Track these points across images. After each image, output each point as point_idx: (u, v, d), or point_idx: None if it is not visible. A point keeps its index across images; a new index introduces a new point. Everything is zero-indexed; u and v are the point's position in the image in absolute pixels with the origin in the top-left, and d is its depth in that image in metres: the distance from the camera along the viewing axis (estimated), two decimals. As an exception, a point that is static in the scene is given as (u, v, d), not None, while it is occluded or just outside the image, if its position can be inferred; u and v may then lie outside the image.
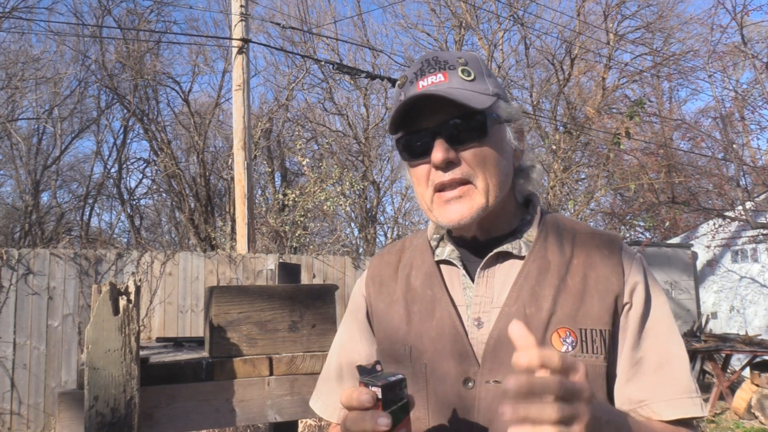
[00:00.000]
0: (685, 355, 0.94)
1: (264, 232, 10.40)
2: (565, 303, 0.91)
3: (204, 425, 1.82)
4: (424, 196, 0.96)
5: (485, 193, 0.93)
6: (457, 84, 0.93)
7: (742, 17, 9.49)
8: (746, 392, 6.73)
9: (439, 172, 0.92)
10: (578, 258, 0.96)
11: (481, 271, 0.97)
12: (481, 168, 0.92)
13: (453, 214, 0.93)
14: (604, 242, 0.98)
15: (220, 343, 1.91)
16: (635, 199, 13.09)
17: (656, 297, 0.96)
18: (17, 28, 11.55)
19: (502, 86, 1.01)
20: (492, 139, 0.94)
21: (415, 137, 0.95)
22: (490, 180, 0.93)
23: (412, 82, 0.96)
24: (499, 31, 14.37)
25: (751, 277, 10.16)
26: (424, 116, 0.93)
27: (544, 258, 0.95)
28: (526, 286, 0.93)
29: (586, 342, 0.89)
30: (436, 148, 0.91)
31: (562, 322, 0.90)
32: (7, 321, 5.83)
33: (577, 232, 1.00)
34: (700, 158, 13.95)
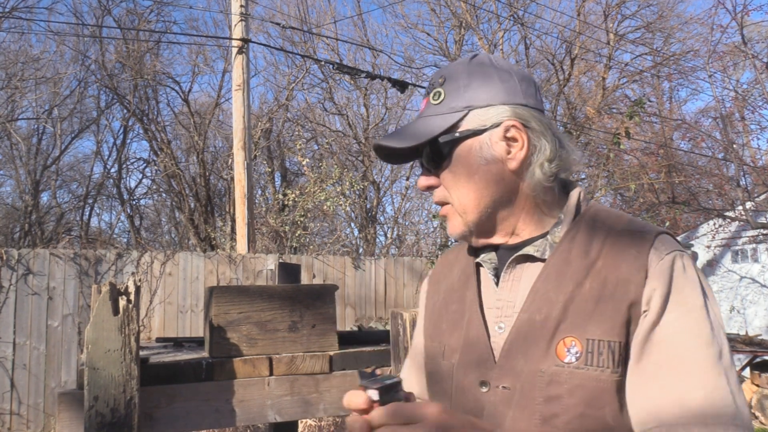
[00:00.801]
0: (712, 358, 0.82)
1: (264, 232, 10.40)
2: (577, 310, 0.87)
3: (204, 425, 1.81)
4: None
5: (462, 212, 0.97)
6: (427, 111, 0.99)
7: (742, 17, 9.49)
8: (746, 392, 6.72)
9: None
10: (604, 260, 0.89)
11: (505, 275, 0.97)
12: (452, 189, 0.97)
13: (449, 228, 1.01)
14: (636, 240, 0.89)
15: (220, 343, 1.91)
16: (635, 199, 13.09)
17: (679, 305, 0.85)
18: (17, 28, 11.55)
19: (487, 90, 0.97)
20: (456, 161, 0.96)
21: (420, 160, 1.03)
22: (463, 199, 0.96)
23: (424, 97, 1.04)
24: (499, 31, 14.37)
25: (751, 278, 10.16)
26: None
27: (565, 260, 0.92)
28: (542, 291, 0.91)
29: (593, 353, 0.85)
30: (420, 177, 1.01)
31: (570, 331, 0.87)
32: (6, 321, 5.83)
33: (612, 228, 0.92)
34: (700, 158, 13.96)
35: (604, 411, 0.83)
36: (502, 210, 0.97)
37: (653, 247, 0.88)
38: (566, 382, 0.85)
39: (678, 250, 0.89)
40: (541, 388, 0.86)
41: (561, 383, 0.85)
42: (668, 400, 0.81)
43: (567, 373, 0.85)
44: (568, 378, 0.85)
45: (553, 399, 0.85)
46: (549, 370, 0.86)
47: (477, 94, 0.96)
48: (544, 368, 0.86)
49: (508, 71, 0.98)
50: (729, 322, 10.25)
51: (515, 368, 0.89)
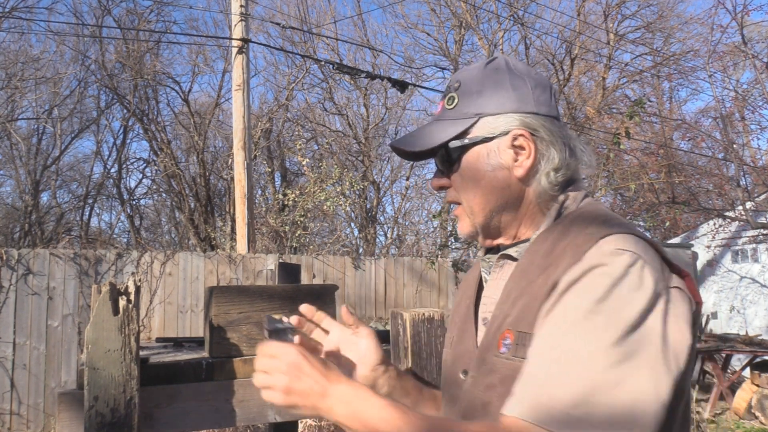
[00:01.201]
0: (583, 357, 0.78)
1: (264, 232, 10.40)
2: (520, 306, 0.91)
3: (204, 425, 1.81)
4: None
5: (470, 213, 1.03)
6: (442, 115, 1.04)
7: (742, 17, 9.49)
8: (746, 392, 6.72)
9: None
10: (559, 259, 0.90)
11: (493, 274, 1.04)
12: (462, 191, 1.03)
13: (458, 228, 1.07)
14: (585, 240, 0.88)
15: (220, 343, 1.91)
16: (635, 199, 13.10)
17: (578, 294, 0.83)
18: (17, 28, 11.54)
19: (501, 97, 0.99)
20: (465, 166, 1.01)
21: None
22: (471, 201, 1.02)
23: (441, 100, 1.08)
24: (499, 31, 14.37)
25: (751, 278, 10.16)
26: None
27: (531, 260, 0.95)
28: (508, 288, 0.97)
29: (520, 345, 0.88)
30: (433, 177, 1.07)
31: (509, 325, 0.92)
32: (6, 321, 5.83)
33: (581, 228, 0.92)
34: (700, 158, 13.96)
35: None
36: (507, 214, 1.02)
37: (595, 246, 0.86)
38: (499, 371, 0.91)
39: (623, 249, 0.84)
40: (483, 375, 0.94)
41: (495, 372, 0.92)
42: (519, 387, 0.82)
43: (500, 363, 0.91)
44: (501, 368, 0.91)
45: (490, 387, 0.92)
46: (490, 359, 0.93)
47: (488, 101, 1.00)
48: (487, 358, 0.94)
49: (522, 77, 1.01)
50: (729, 322, 10.25)
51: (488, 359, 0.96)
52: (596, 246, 0.86)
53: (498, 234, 1.04)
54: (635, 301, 0.80)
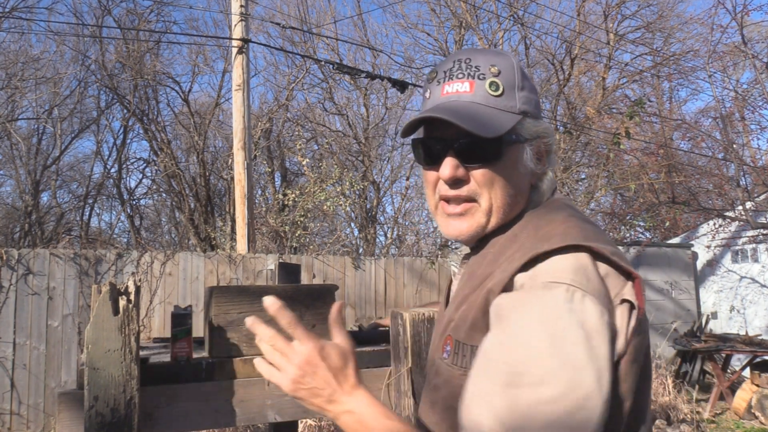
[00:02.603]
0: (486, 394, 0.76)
1: (264, 232, 10.39)
2: (462, 313, 0.91)
3: (204, 425, 1.81)
4: (430, 200, 0.99)
5: (487, 213, 0.94)
6: (481, 99, 0.92)
7: (742, 17, 9.49)
8: (746, 392, 6.72)
9: (446, 184, 0.94)
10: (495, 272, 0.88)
11: (459, 271, 1.05)
12: (487, 189, 0.92)
13: (452, 229, 0.96)
14: (520, 255, 0.85)
15: (220, 343, 1.91)
16: (635, 199, 13.09)
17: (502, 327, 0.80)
18: (17, 28, 11.54)
19: (535, 99, 0.97)
20: (505, 161, 0.93)
21: (429, 143, 0.96)
22: (495, 201, 0.93)
23: (440, 82, 0.96)
24: (499, 31, 14.37)
25: (751, 278, 10.16)
26: (440, 124, 0.92)
27: (478, 265, 0.95)
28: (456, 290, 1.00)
29: (458, 354, 0.89)
30: (445, 164, 0.92)
31: (451, 330, 0.92)
32: (6, 321, 5.83)
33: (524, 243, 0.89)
34: (700, 158, 13.95)
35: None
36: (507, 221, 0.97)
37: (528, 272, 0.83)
38: (441, 375, 0.93)
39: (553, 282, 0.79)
40: (431, 376, 0.98)
41: (439, 375, 0.94)
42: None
43: (443, 368, 0.93)
44: (443, 372, 0.93)
45: (435, 388, 0.95)
46: (436, 362, 0.96)
47: (528, 100, 0.96)
48: (435, 359, 0.97)
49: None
50: (729, 322, 10.25)
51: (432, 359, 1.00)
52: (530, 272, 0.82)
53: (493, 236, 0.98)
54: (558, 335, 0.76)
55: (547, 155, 0.99)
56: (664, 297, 9.53)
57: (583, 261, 0.82)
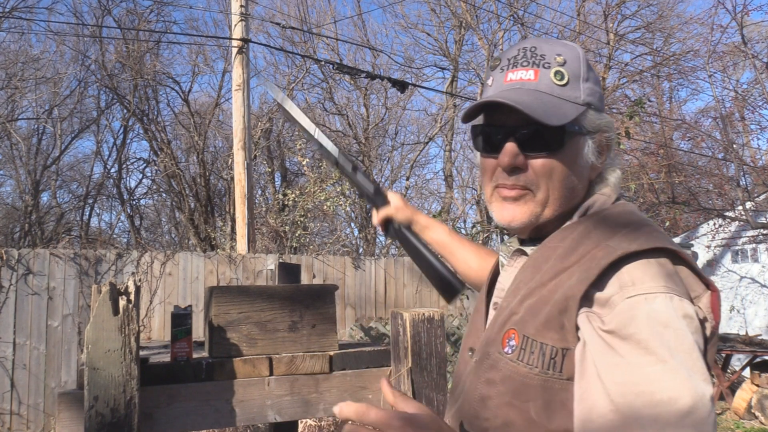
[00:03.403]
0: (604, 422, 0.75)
1: (264, 232, 10.39)
2: (528, 306, 0.88)
3: (204, 425, 1.81)
4: (486, 187, 0.99)
5: (542, 204, 0.92)
6: (546, 87, 0.91)
7: (742, 17, 9.49)
8: (746, 392, 6.72)
9: (504, 173, 0.93)
10: (573, 268, 0.86)
11: (508, 262, 1.02)
12: (545, 180, 0.91)
13: (506, 213, 0.94)
14: (603, 254, 0.84)
15: (220, 343, 1.91)
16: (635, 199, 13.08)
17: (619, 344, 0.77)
18: (17, 28, 11.55)
19: (599, 92, 0.96)
20: (566, 152, 0.91)
21: (490, 130, 0.95)
22: (552, 193, 0.92)
23: (503, 69, 0.95)
24: (499, 31, 14.36)
25: (751, 278, 10.16)
26: (503, 111, 0.92)
27: (545, 258, 0.92)
28: (517, 282, 0.95)
29: (525, 350, 0.86)
30: (504, 152, 0.91)
31: (515, 324, 0.89)
32: (7, 321, 5.83)
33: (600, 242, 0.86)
34: (700, 158, 13.95)
35: (528, 405, 0.86)
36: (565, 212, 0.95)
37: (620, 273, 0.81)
38: (501, 370, 0.89)
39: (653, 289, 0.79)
40: (485, 369, 0.92)
41: (498, 370, 0.90)
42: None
43: (503, 363, 0.89)
44: (503, 367, 0.89)
45: (490, 382, 0.90)
46: (493, 355, 0.92)
47: (592, 92, 0.94)
48: (491, 352, 0.92)
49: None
50: (729, 322, 10.25)
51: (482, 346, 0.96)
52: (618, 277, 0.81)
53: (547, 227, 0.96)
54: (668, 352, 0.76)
55: (608, 150, 0.98)
56: (664, 297, 9.53)
57: (668, 266, 0.82)
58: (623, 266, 0.82)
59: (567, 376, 0.83)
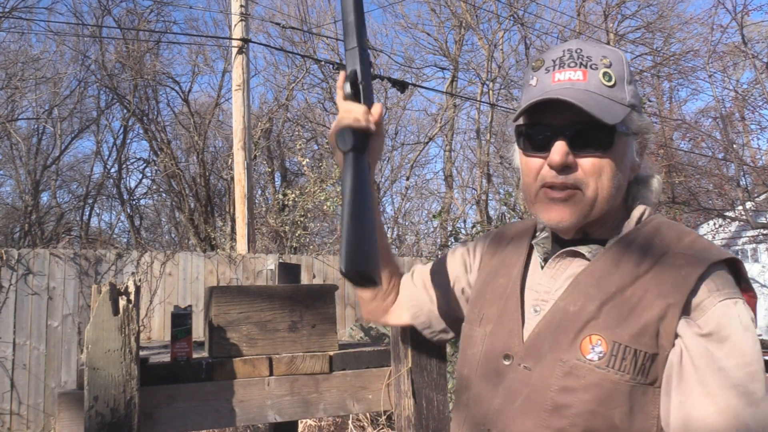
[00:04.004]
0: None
1: (264, 232, 10.40)
2: (611, 312, 0.88)
3: (204, 425, 1.81)
4: (530, 188, 0.97)
5: (591, 203, 0.93)
6: (595, 88, 0.92)
7: (742, 17, 9.49)
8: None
9: (552, 171, 0.93)
10: (653, 273, 0.89)
11: (552, 262, 0.99)
12: (595, 178, 0.92)
13: (555, 214, 0.94)
14: (689, 262, 0.88)
15: (220, 343, 1.91)
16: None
17: (737, 348, 0.82)
18: (17, 28, 11.55)
19: (639, 95, 0.99)
20: (615, 152, 0.92)
21: (537, 129, 0.95)
22: (601, 192, 0.92)
23: (548, 70, 0.95)
24: (499, 31, 14.37)
25: (751, 278, 10.15)
26: (550, 110, 0.92)
27: (614, 263, 0.93)
28: (583, 285, 0.93)
29: (616, 357, 0.86)
30: (556, 149, 0.91)
31: (599, 330, 0.88)
32: (6, 321, 5.83)
33: (670, 246, 0.91)
34: (700, 158, 13.95)
35: (613, 411, 0.85)
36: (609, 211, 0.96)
37: (707, 280, 0.86)
38: (584, 377, 0.87)
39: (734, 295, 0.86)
40: (558, 377, 0.88)
41: (579, 377, 0.87)
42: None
43: (586, 369, 0.87)
44: (587, 374, 0.86)
45: (568, 390, 0.87)
46: (570, 362, 0.88)
47: (635, 94, 0.96)
48: (566, 359, 0.89)
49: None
50: (729, 322, 10.26)
51: (540, 351, 0.92)
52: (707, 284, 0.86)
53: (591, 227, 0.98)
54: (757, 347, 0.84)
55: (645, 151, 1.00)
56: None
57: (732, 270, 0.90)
58: (709, 274, 0.87)
59: (651, 380, 0.85)
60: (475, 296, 1.11)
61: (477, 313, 1.07)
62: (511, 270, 1.05)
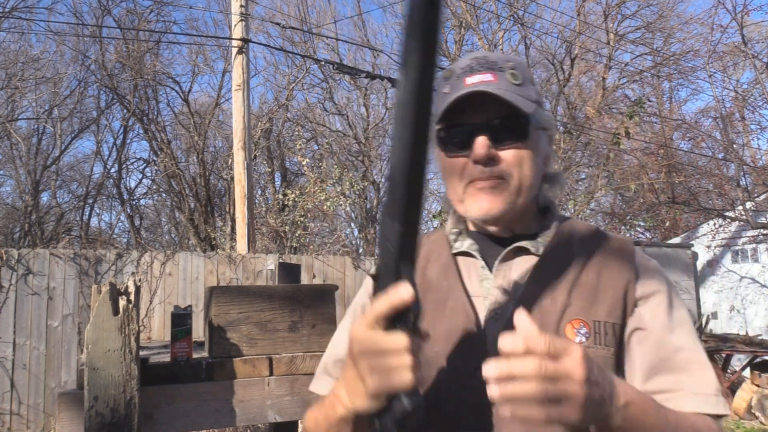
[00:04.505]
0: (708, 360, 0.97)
1: (264, 232, 10.39)
2: (580, 297, 0.95)
3: (204, 425, 1.81)
4: (456, 188, 1.01)
5: (517, 191, 0.98)
6: (506, 86, 0.97)
7: (742, 17, 9.49)
8: (746, 392, 6.72)
9: (477, 166, 0.97)
10: (592, 258, 1.00)
11: (501, 264, 1.01)
12: (517, 168, 0.97)
13: (484, 203, 0.98)
14: (619, 245, 1.04)
15: (220, 343, 1.91)
16: (635, 199, 13.08)
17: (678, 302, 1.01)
18: (17, 28, 11.54)
19: (540, 95, 1.06)
20: (531, 142, 0.99)
21: (457, 131, 0.99)
22: (524, 180, 0.98)
23: (459, 77, 1.00)
24: (499, 31, 14.36)
25: (751, 278, 10.15)
26: (467, 112, 0.97)
27: (559, 255, 1.01)
28: (542, 281, 0.98)
29: (599, 334, 0.93)
30: (479, 144, 0.96)
31: (577, 314, 0.94)
32: (6, 321, 5.82)
33: (594, 236, 1.05)
34: (700, 158, 13.94)
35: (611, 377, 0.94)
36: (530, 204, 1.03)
37: (636, 254, 1.03)
38: None
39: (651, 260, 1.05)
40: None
41: None
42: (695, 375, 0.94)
43: None
44: None
45: None
46: None
47: (538, 94, 1.05)
48: None
49: None
50: (729, 322, 10.24)
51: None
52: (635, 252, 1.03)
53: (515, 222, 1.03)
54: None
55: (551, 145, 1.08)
56: (664, 297, 9.52)
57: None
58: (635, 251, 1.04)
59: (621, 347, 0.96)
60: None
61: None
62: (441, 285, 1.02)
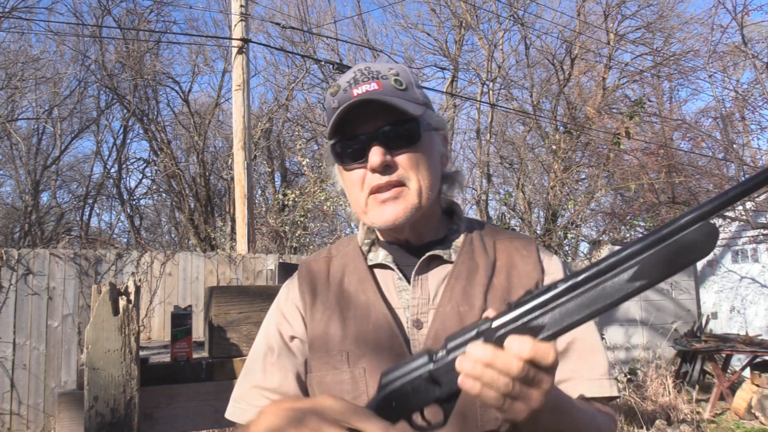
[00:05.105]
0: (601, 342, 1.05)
1: (264, 232, 10.39)
2: (495, 300, 0.98)
3: (204, 425, 1.81)
4: (358, 199, 1.01)
5: (418, 193, 0.98)
6: (391, 93, 0.98)
7: (742, 17, 9.49)
8: (746, 392, 6.72)
9: (375, 175, 0.97)
10: (501, 260, 1.04)
11: (417, 276, 1.02)
12: (414, 171, 0.98)
13: (389, 213, 0.98)
14: (522, 245, 1.07)
15: (220, 343, 1.90)
16: (635, 199, 13.08)
17: None
18: (17, 28, 11.54)
19: (427, 97, 1.10)
20: (424, 144, 1.00)
21: (351, 143, 1.00)
22: (423, 182, 0.99)
23: (346, 90, 1.00)
24: (499, 31, 14.36)
25: (751, 278, 10.15)
26: (358, 123, 0.98)
27: (471, 261, 1.03)
28: (458, 287, 0.99)
29: None
30: (373, 153, 0.96)
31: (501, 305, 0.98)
32: (6, 321, 5.82)
33: (497, 237, 1.08)
34: (701, 158, 13.94)
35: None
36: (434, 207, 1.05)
37: (539, 250, 1.08)
38: None
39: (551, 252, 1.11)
40: None
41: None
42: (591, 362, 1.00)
43: None
44: None
45: None
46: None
47: (424, 96, 1.07)
48: None
49: None
50: (729, 322, 10.25)
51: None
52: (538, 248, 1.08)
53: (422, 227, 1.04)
54: None
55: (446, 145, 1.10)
56: (665, 297, 9.52)
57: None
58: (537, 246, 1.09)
59: None
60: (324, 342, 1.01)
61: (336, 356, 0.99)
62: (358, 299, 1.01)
